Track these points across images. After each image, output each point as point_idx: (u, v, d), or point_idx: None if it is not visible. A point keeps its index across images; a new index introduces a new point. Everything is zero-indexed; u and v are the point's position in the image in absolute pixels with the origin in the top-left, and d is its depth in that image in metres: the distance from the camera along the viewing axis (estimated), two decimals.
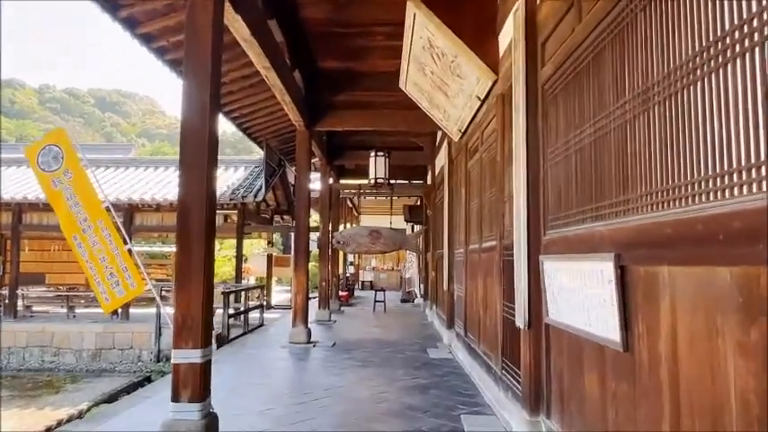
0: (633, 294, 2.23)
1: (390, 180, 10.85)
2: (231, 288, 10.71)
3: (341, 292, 15.14)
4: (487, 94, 5.27)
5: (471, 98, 5.56)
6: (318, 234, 12.14)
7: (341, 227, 14.91)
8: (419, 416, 4.46)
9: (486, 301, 5.52)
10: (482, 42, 4.91)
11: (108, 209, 4.01)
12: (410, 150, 12.32)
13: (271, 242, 17.93)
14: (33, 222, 12.67)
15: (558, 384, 3.24)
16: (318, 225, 12.38)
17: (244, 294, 10.21)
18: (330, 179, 12.64)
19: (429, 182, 12.83)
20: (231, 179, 13.70)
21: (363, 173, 11.56)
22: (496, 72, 4.90)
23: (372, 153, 10.41)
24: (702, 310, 1.72)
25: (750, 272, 1.48)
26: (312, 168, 12.51)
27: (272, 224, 16.04)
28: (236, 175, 14.03)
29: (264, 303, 12.66)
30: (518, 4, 3.84)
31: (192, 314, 3.59)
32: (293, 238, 9.49)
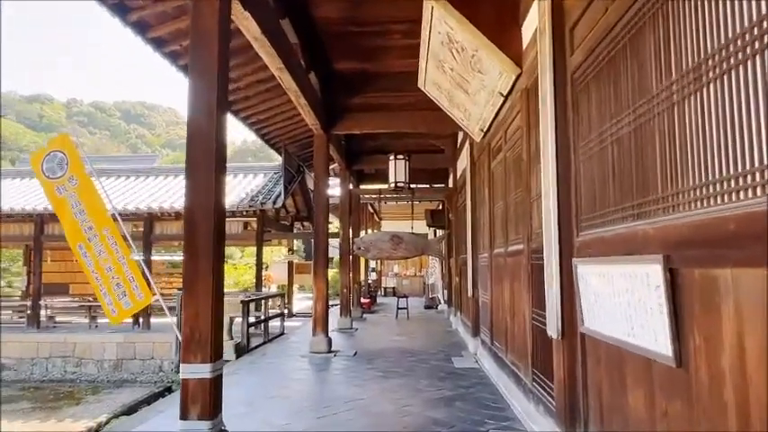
0: (687, 301, 1.95)
1: (411, 184, 10.61)
2: (251, 297, 10.56)
3: (363, 299, 14.90)
4: (511, 90, 5.01)
5: (494, 94, 5.30)
6: (339, 240, 11.95)
7: (362, 233, 14.71)
8: (444, 431, 4.19)
9: (514, 308, 5.24)
10: (504, 34, 4.65)
11: (114, 217, 3.83)
12: (431, 153, 12.06)
13: (291, 249, 17.81)
14: (55, 233, 12.71)
15: (597, 400, 2.95)
16: (339, 231, 12.19)
17: (264, 303, 10.05)
18: (350, 184, 12.44)
19: (451, 185, 12.56)
20: (250, 186, 13.62)
21: (383, 177, 11.34)
22: (520, 65, 4.64)
23: (392, 156, 10.17)
24: None
25: None
26: (331, 174, 12.39)
27: (292, 231, 15.90)
28: (254, 182, 13.94)
29: (286, 312, 12.52)
30: None
31: (201, 327, 3.39)
32: (312, 244, 9.30)
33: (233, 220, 13.42)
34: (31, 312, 12.25)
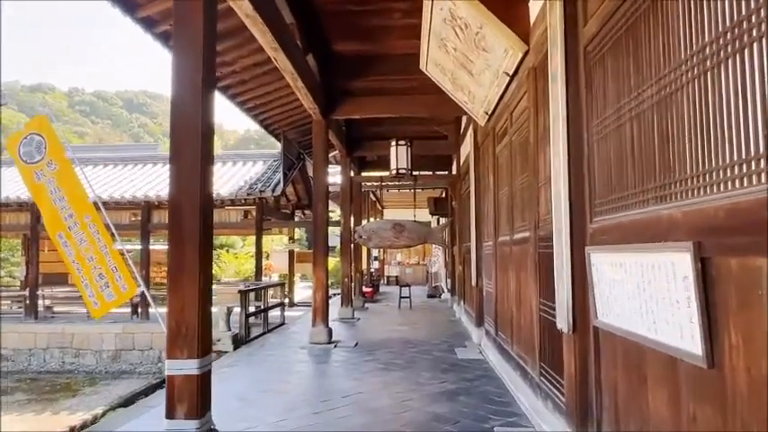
0: (721, 295, 1.71)
1: (413, 171, 10.35)
2: (250, 286, 10.37)
3: (365, 288, 14.71)
4: (517, 69, 4.75)
5: (499, 75, 5.04)
6: (340, 229, 11.73)
7: (363, 221, 14.48)
8: (447, 428, 3.99)
9: (520, 299, 5.01)
10: (510, 10, 4.38)
11: (97, 205, 3.61)
12: (433, 140, 11.79)
13: (292, 238, 17.59)
14: None
15: (612, 398, 2.73)
16: (340, 220, 11.96)
17: (263, 292, 9.85)
18: (351, 171, 12.19)
19: (454, 172, 12.30)
20: (249, 174, 13.37)
21: (385, 165, 11.07)
22: (527, 42, 4.38)
23: (393, 142, 9.91)
24: None
25: None
26: (332, 161, 12.13)
27: (293, 219, 15.67)
28: (254, 170, 13.70)
29: (286, 301, 12.34)
30: None
31: (187, 320, 3.18)
32: (312, 232, 9.07)
33: (232, 208, 13.21)
34: (28, 302, 12.09)
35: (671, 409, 2.06)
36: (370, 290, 15.12)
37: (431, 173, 14.45)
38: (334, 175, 12.87)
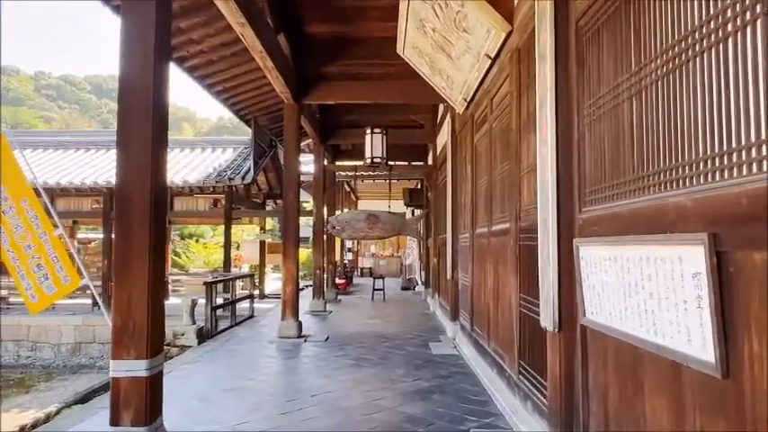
0: (740, 295, 1.49)
1: (388, 161, 10.07)
2: (218, 277, 9.98)
3: (338, 280, 14.41)
4: (499, 51, 4.50)
5: (480, 57, 4.78)
6: (313, 219, 11.40)
7: (337, 211, 14.16)
8: (420, 431, 3.75)
9: (498, 293, 4.80)
10: None
11: (36, 191, 3.25)
12: (410, 128, 11.52)
13: (263, 228, 17.16)
14: None
15: (601, 403, 2.51)
16: (313, 210, 11.62)
17: (231, 284, 9.48)
18: (324, 160, 11.84)
19: (430, 162, 12.07)
20: (218, 161, 12.91)
21: (360, 154, 10.77)
22: (511, 22, 4.13)
23: (368, 130, 9.61)
24: None
25: None
26: (306, 150, 11.77)
27: (263, 209, 15.25)
28: (223, 157, 13.24)
29: (257, 293, 11.97)
30: None
31: (135, 316, 2.86)
32: (282, 222, 8.73)
33: (201, 196, 12.76)
34: None
35: (673, 421, 1.84)
36: (343, 282, 14.84)
37: (406, 163, 14.20)
38: (308, 164, 12.53)
